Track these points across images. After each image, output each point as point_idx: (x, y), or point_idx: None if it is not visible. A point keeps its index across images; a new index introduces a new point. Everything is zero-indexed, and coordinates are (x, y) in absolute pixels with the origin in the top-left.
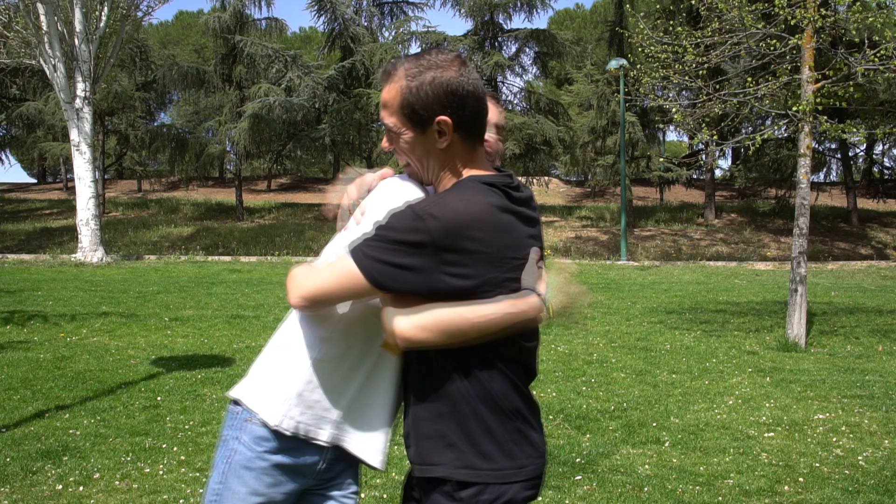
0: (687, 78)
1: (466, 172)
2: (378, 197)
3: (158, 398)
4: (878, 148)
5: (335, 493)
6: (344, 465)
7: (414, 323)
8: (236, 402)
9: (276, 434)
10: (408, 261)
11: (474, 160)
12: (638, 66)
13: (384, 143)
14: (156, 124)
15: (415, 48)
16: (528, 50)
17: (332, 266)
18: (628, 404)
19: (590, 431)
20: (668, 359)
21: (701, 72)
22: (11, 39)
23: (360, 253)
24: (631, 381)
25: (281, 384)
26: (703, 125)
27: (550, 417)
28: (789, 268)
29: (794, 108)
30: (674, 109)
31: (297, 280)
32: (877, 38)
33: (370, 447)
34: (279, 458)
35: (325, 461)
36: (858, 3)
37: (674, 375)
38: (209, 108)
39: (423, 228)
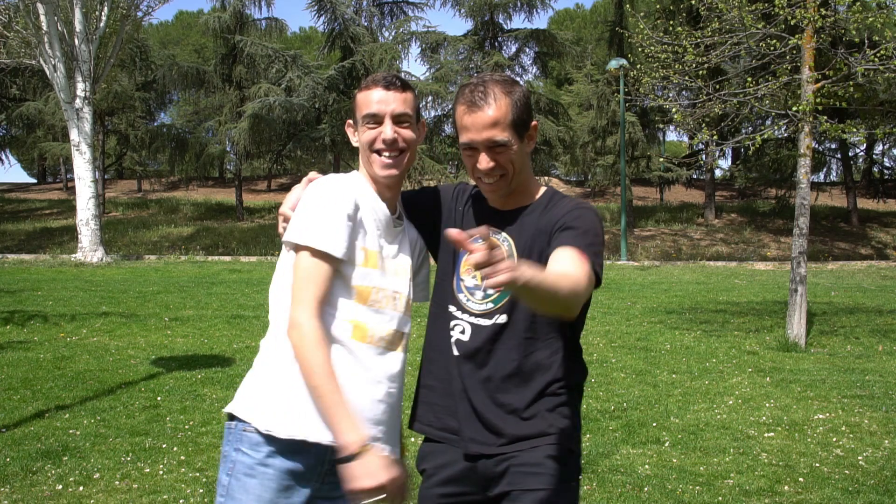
0: (687, 78)
1: (532, 176)
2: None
3: (158, 398)
4: (878, 148)
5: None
6: None
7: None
8: (231, 418)
9: (272, 439)
10: None
11: None
12: (638, 66)
13: (486, 163)
14: (156, 124)
15: (415, 48)
16: (528, 50)
17: (589, 274)
18: (628, 404)
19: (590, 431)
20: (668, 359)
21: (701, 72)
22: (11, 39)
23: (596, 265)
24: (631, 381)
25: (269, 390)
26: (703, 125)
27: None
28: (789, 268)
29: (794, 108)
30: (674, 109)
31: (579, 295)
32: (877, 38)
33: (393, 440)
34: (280, 462)
35: (328, 462)
36: (858, 3)
37: (674, 375)
38: (209, 108)
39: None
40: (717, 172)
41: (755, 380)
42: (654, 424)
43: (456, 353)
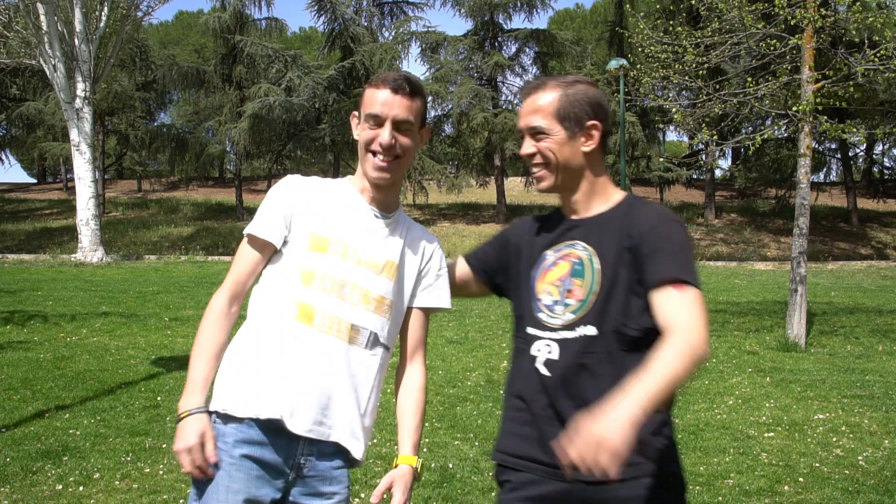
0: (687, 78)
1: (606, 178)
2: None
3: (158, 398)
4: (878, 148)
5: (319, 497)
6: (327, 463)
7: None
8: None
9: (235, 421)
10: None
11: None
12: (638, 66)
13: (525, 148)
14: (156, 124)
15: (415, 48)
16: (528, 50)
17: (696, 301)
18: None
19: None
20: None
21: (701, 72)
22: (11, 39)
23: (697, 283)
24: None
25: (224, 375)
26: (703, 125)
27: None
28: (789, 268)
29: (794, 108)
30: (674, 109)
31: (699, 350)
32: (877, 38)
33: (344, 432)
34: (248, 452)
35: (300, 455)
36: (858, 3)
37: None
38: (209, 108)
39: None
40: (717, 172)
41: (755, 380)
42: None
43: (547, 373)
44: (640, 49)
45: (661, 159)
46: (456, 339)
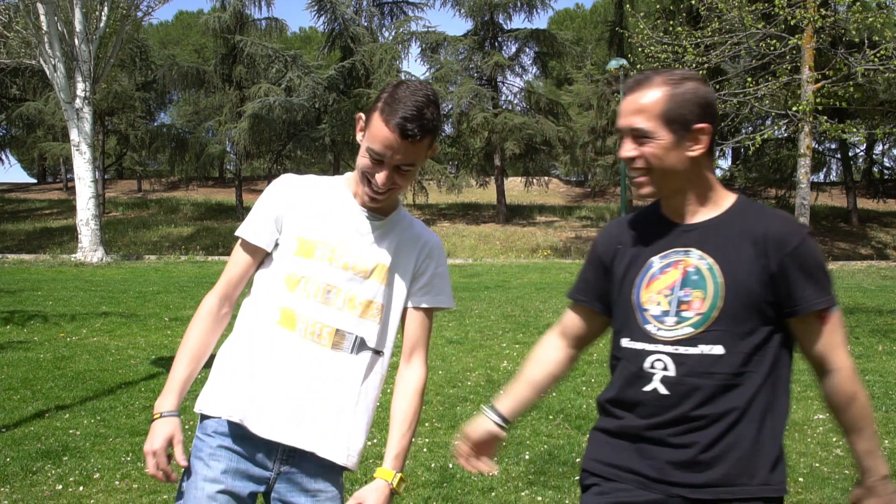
0: None
1: (715, 180)
2: None
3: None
4: (878, 148)
5: (305, 493)
6: (312, 463)
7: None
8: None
9: (221, 425)
10: None
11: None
12: (638, 66)
13: (625, 151)
14: (156, 124)
15: (415, 48)
16: (528, 50)
17: (841, 329)
18: None
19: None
20: None
21: (701, 72)
22: (11, 39)
23: (837, 303)
24: None
25: (210, 378)
26: None
27: (550, 417)
28: None
29: (794, 108)
30: None
31: (853, 365)
32: (877, 38)
33: (318, 440)
34: (225, 442)
35: (282, 451)
36: (858, 3)
37: None
38: (209, 108)
39: None
40: (718, 172)
41: None
42: None
43: (664, 391)
44: (640, 49)
45: None
46: (456, 339)
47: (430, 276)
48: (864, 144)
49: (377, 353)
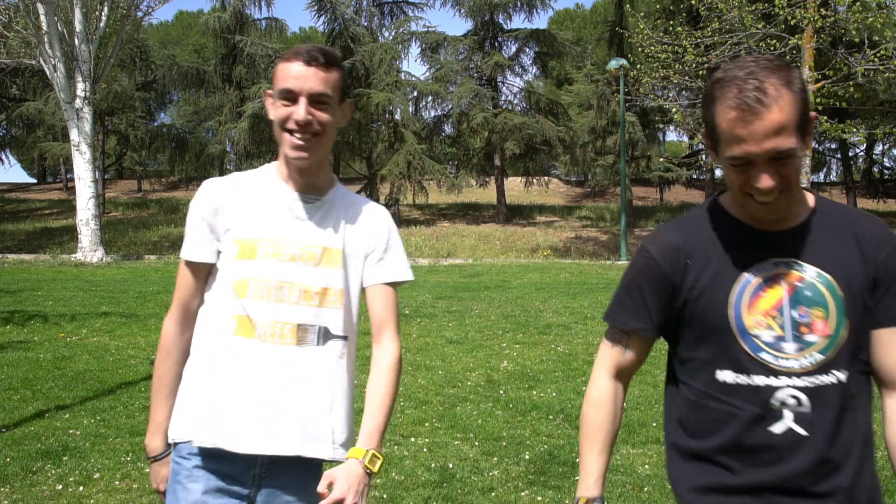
0: (687, 78)
1: None
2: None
3: None
4: (878, 148)
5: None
6: (292, 471)
7: None
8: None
9: (187, 448)
10: None
11: None
12: (638, 66)
13: (769, 181)
14: (156, 124)
15: (415, 48)
16: (528, 50)
17: None
18: (628, 404)
19: None
20: (667, 359)
21: (701, 72)
22: (11, 39)
23: None
24: (631, 381)
25: (176, 405)
26: (704, 125)
27: (550, 417)
28: None
29: None
30: (674, 109)
31: None
32: (877, 38)
33: (300, 440)
34: (201, 462)
35: (260, 465)
36: (858, 3)
37: None
38: (209, 108)
39: None
40: (718, 172)
41: None
42: (654, 424)
43: (802, 431)
44: (640, 49)
45: (661, 159)
46: (456, 339)
47: (383, 250)
48: (864, 144)
49: (344, 338)
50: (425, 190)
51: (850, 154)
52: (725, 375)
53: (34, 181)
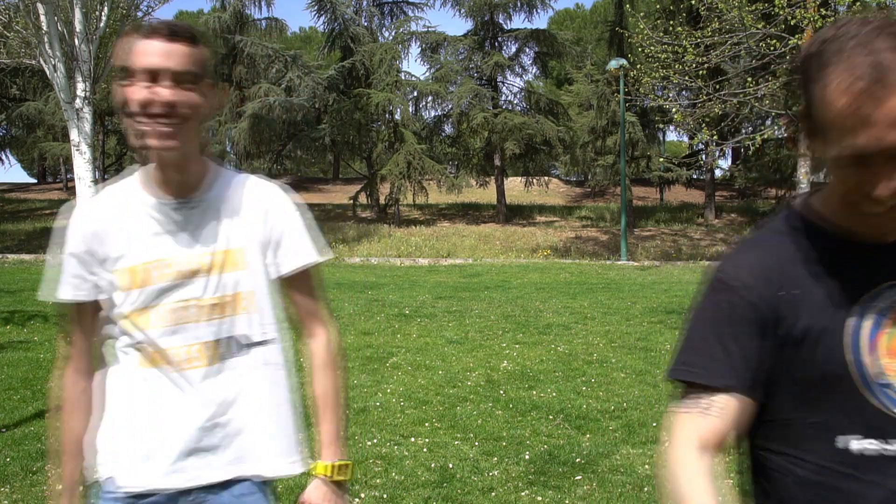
0: (687, 78)
1: None
2: None
3: None
4: None
5: None
6: (230, 494)
7: None
8: None
9: (113, 483)
10: None
11: None
12: (638, 66)
13: (890, 189)
14: None
15: (415, 48)
16: (528, 50)
17: None
18: (628, 404)
19: (590, 431)
20: (668, 359)
21: (701, 72)
22: (11, 39)
23: None
24: (631, 381)
25: (96, 451)
26: (703, 125)
27: (550, 417)
28: None
29: (795, 108)
30: (674, 109)
31: None
32: None
33: (250, 460)
34: (126, 501)
35: (195, 497)
36: (858, 3)
37: None
38: None
39: None
40: (717, 172)
41: None
42: (654, 424)
43: None
44: (640, 49)
45: (661, 159)
46: (456, 339)
47: (285, 234)
48: None
49: (263, 343)
50: (425, 190)
51: None
52: (852, 442)
53: (34, 181)
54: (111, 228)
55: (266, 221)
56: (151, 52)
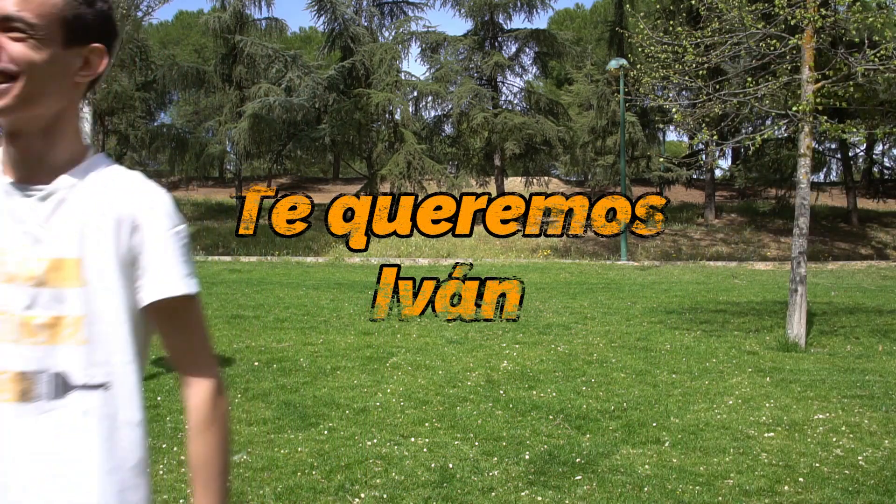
0: (687, 78)
1: None
2: None
3: (158, 398)
4: (878, 148)
5: None
6: None
7: None
8: None
9: None
10: None
11: None
12: (638, 66)
13: None
14: (156, 124)
15: (415, 48)
16: (528, 50)
17: None
18: (628, 404)
19: (590, 431)
20: (668, 359)
21: (701, 72)
22: None
23: None
24: (631, 381)
25: None
26: (703, 125)
27: (550, 417)
28: (789, 268)
29: (794, 108)
30: (674, 109)
31: None
32: (877, 38)
33: None
34: None
35: None
36: (858, 3)
37: (674, 375)
38: (209, 108)
39: None
40: (717, 172)
41: (755, 380)
42: (654, 424)
43: None
44: (640, 49)
45: (661, 159)
46: (456, 339)
47: (150, 254)
48: (864, 144)
49: (96, 388)
50: (425, 190)
51: (850, 154)
52: None
53: None
54: None
55: (131, 233)
56: None
